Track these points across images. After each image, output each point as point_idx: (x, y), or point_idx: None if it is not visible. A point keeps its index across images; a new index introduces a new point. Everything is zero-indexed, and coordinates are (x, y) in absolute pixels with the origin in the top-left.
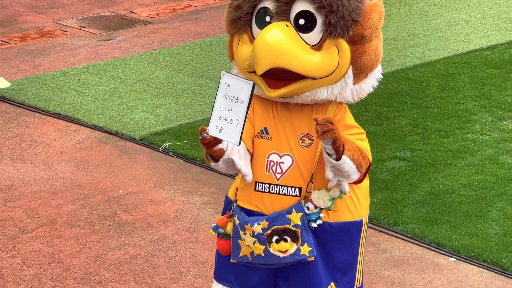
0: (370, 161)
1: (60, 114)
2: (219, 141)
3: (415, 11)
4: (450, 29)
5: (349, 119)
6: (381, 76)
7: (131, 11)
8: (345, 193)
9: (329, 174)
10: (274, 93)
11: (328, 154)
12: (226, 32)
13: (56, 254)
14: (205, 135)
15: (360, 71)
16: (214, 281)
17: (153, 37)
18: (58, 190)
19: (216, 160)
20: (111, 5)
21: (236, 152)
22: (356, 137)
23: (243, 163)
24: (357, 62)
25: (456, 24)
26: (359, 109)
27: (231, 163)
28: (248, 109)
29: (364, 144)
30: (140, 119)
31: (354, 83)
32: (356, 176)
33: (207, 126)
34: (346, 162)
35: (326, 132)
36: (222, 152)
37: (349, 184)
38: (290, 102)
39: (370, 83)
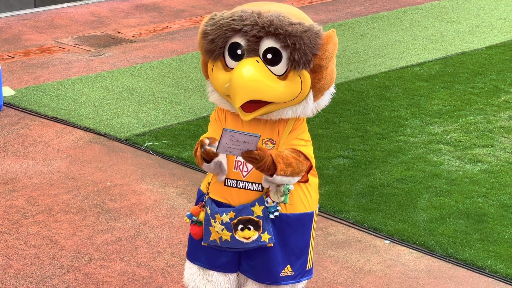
0: (313, 163)
1: (57, 118)
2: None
3: (357, 33)
4: (386, 48)
5: (303, 129)
6: (335, 91)
7: (118, 32)
8: (290, 189)
9: (265, 184)
10: (248, 117)
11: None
12: (198, 50)
13: (53, 237)
14: (207, 148)
15: (318, 92)
16: (187, 260)
17: (136, 53)
18: (55, 182)
19: (208, 162)
20: (101, 26)
21: (223, 156)
22: (301, 143)
23: (225, 165)
24: (316, 86)
25: (392, 44)
26: None
27: (219, 164)
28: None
29: (307, 150)
30: (125, 122)
31: (314, 101)
32: (295, 180)
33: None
34: (277, 178)
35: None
36: (217, 155)
37: (300, 182)
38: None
39: (326, 99)
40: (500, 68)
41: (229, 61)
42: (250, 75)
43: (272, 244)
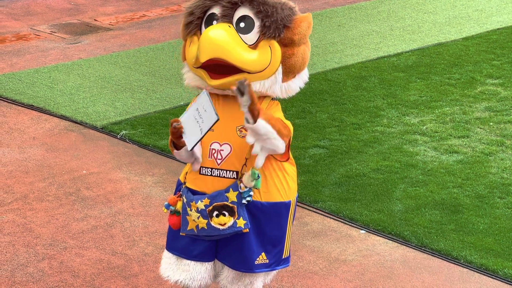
0: (291, 133)
1: (33, 105)
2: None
3: (334, 23)
4: (363, 38)
5: (278, 113)
6: (307, 79)
7: (94, 19)
8: (257, 167)
9: (249, 139)
10: (215, 82)
11: (248, 122)
12: (175, 38)
13: (28, 224)
14: (176, 126)
15: (288, 71)
16: (165, 250)
17: (113, 41)
18: (30, 170)
19: (178, 149)
20: (77, 14)
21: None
22: (281, 115)
23: (199, 154)
24: (286, 62)
25: (368, 34)
26: (286, 104)
27: (190, 152)
28: (206, 132)
29: (287, 121)
30: (101, 110)
31: (283, 81)
32: (279, 142)
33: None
34: (262, 125)
35: (244, 88)
36: (184, 143)
37: (280, 169)
38: (230, 97)
39: (297, 83)
40: (476, 59)
41: None
42: (219, 33)
43: (247, 230)
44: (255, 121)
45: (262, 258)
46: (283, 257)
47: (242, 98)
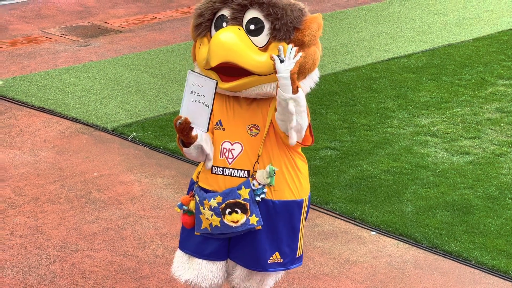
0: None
1: (44, 108)
2: (192, 128)
3: (345, 24)
4: (374, 40)
5: None
6: (318, 80)
7: (105, 22)
8: (292, 144)
9: (291, 108)
10: (226, 85)
11: (282, 98)
12: (185, 40)
13: (40, 227)
14: (181, 121)
15: (299, 72)
16: (178, 249)
17: (123, 44)
18: (42, 172)
19: (187, 146)
20: (88, 17)
21: (204, 140)
22: None
23: (210, 150)
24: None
25: (379, 36)
26: None
27: (200, 149)
28: (213, 103)
29: None
30: (112, 113)
31: None
32: (306, 118)
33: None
34: (303, 94)
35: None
36: (195, 138)
37: (292, 167)
38: (240, 97)
39: (307, 83)
40: (487, 60)
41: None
42: (229, 36)
43: (260, 227)
44: (296, 90)
45: (276, 257)
46: (297, 256)
47: (282, 64)
